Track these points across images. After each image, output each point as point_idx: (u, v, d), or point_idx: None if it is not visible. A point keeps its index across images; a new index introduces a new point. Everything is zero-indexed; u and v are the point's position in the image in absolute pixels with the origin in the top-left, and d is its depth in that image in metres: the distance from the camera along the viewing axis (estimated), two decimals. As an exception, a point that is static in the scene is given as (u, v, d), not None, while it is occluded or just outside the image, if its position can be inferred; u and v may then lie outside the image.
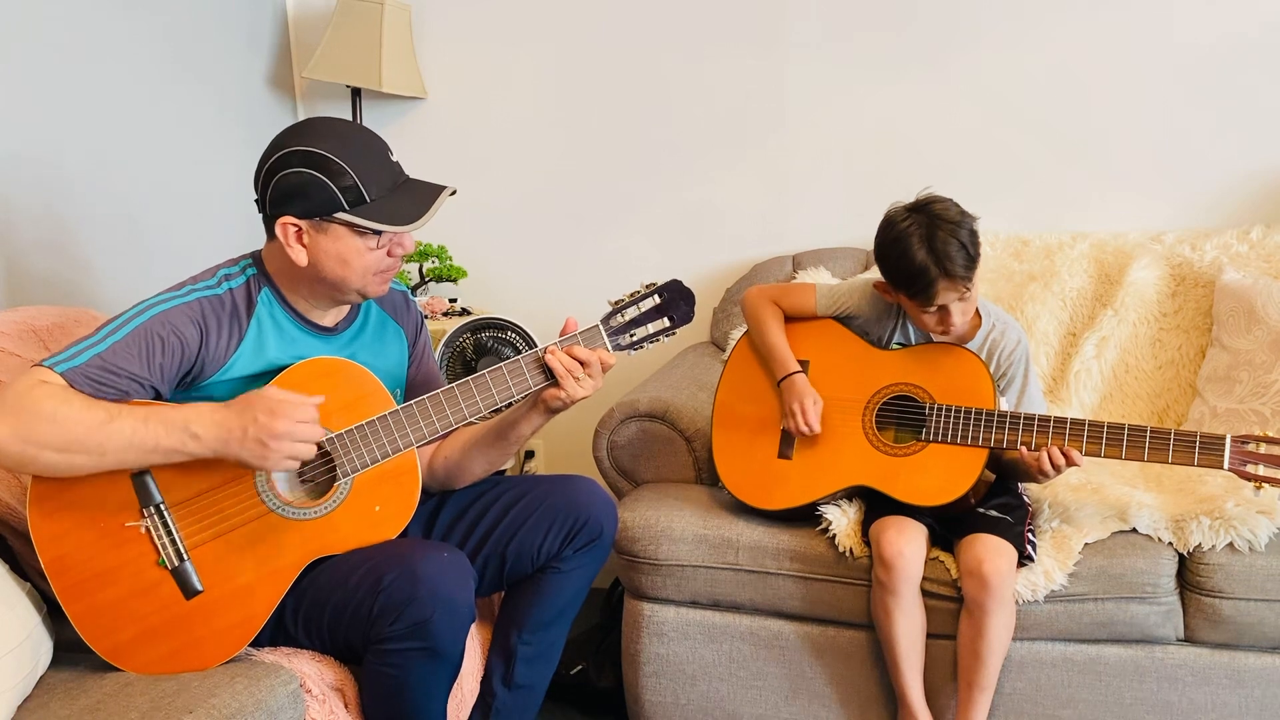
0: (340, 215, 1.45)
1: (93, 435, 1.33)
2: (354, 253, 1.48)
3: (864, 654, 1.87)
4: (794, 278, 2.55)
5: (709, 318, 2.71)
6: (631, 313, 1.57)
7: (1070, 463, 1.69)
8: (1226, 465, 1.64)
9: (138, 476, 1.43)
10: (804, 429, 1.86)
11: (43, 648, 1.40)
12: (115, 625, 1.42)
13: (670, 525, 1.92)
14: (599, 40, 2.78)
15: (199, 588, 1.44)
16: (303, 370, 1.50)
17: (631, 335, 1.57)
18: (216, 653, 1.44)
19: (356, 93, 2.77)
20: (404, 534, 1.55)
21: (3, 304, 2.03)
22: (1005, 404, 1.85)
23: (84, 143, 2.24)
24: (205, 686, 1.35)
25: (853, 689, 1.89)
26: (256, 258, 1.57)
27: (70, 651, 1.44)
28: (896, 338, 1.93)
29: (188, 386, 1.49)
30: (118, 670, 1.42)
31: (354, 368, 1.53)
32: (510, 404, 1.57)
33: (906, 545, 1.74)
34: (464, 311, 2.76)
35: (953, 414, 1.78)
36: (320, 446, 1.49)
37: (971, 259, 1.72)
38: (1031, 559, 1.76)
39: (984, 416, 1.76)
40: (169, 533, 1.43)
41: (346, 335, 1.63)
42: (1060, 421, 1.72)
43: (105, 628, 1.42)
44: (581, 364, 1.53)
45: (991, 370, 1.82)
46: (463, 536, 1.66)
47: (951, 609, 1.78)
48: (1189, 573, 1.75)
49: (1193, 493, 1.91)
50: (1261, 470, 1.63)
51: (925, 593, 1.78)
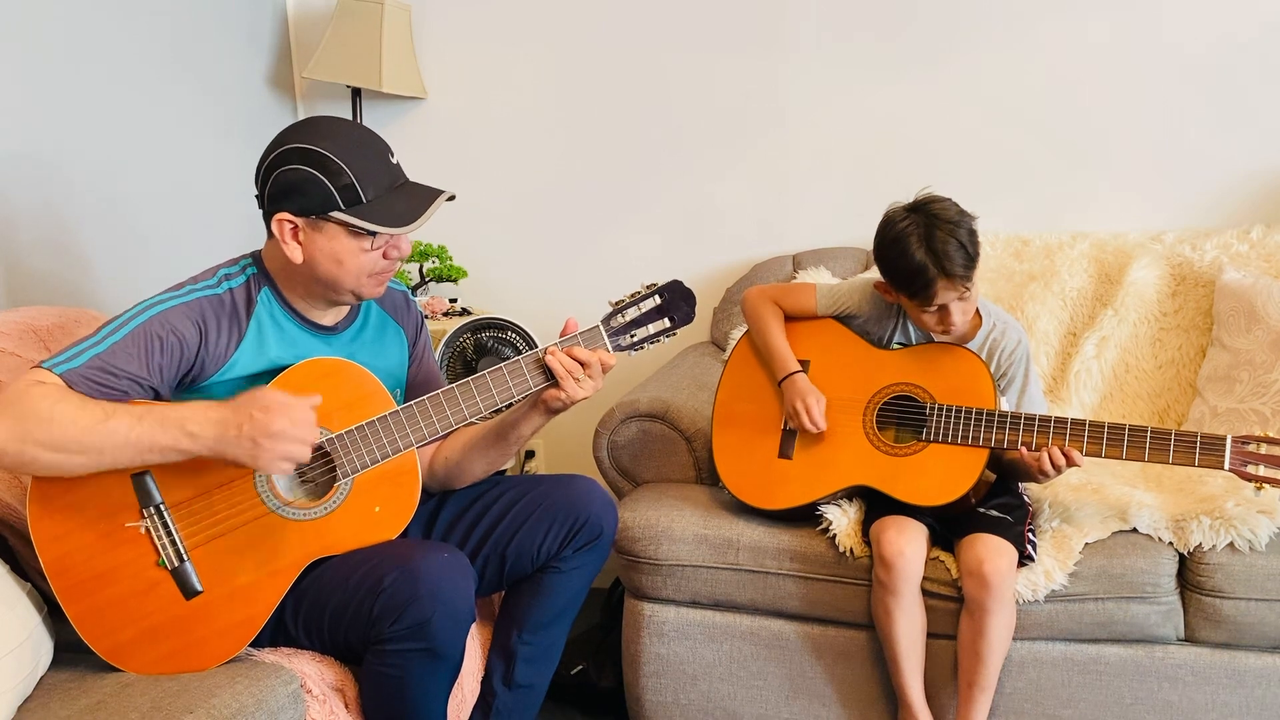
0: (335, 214, 1.45)
1: (89, 434, 1.33)
2: (348, 253, 1.48)
3: (864, 654, 1.87)
4: (794, 278, 2.55)
5: (709, 318, 2.71)
6: (632, 313, 1.57)
7: (1071, 463, 1.69)
8: (1227, 466, 1.64)
9: (137, 477, 1.43)
10: (810, 427, 1.85)
11: (43, 648, 1.40)
12: (115, 625, 1.42)
13: (670, 525, 1.92)
14: (599, 40, 2.78)
15: (199, 588, 1.44)
16: (303, 370, 1.50)
17: (632, 336, 1.57)
18: (216, 653, 1.44)
19: (356, 93, 2.77)
20: (404, 534, 1.55)
21: (3, 304, 2.03)
22: (1006, 404, 1.85)
23: (84, 142, 2.24)
24: (206, 687, 1.35)
25: (853, 689, 1.89)
26: (256, 257, 1.57)
27: (71, 652, 1.44)
28: (897, 337, 1.93)
29: (187, 387, 1.49)
30: (118, 671, 1.42)
31: (354, 368, 1.53)
32: (510, 404, 1.57)
33: (907, 545, 1.74)
34: (464, 311, 2.76)
35: (953, 414, 1.78)
36: (320, 447, 1.49)
37: (971, 258, 1.72)
38: (1032, 559, 1.76)
39: (984, 416, 1.76)
40: (169, 533, 1.43)
41: (347, 335, 1.63)
42: (1061, 422, 1.72)
43: (105, 628, 1.42)
44: (582, 365, 1.53)
45: (992, 370, 1.81)
46: (463, 536, 1.66)
47: (952, 609, 1.78)
48: (1189, 572, 1.75)
49: (1193, 492, 1.91)
50: (1262, 471, 1.63)
51: (925, 592, 1.78)
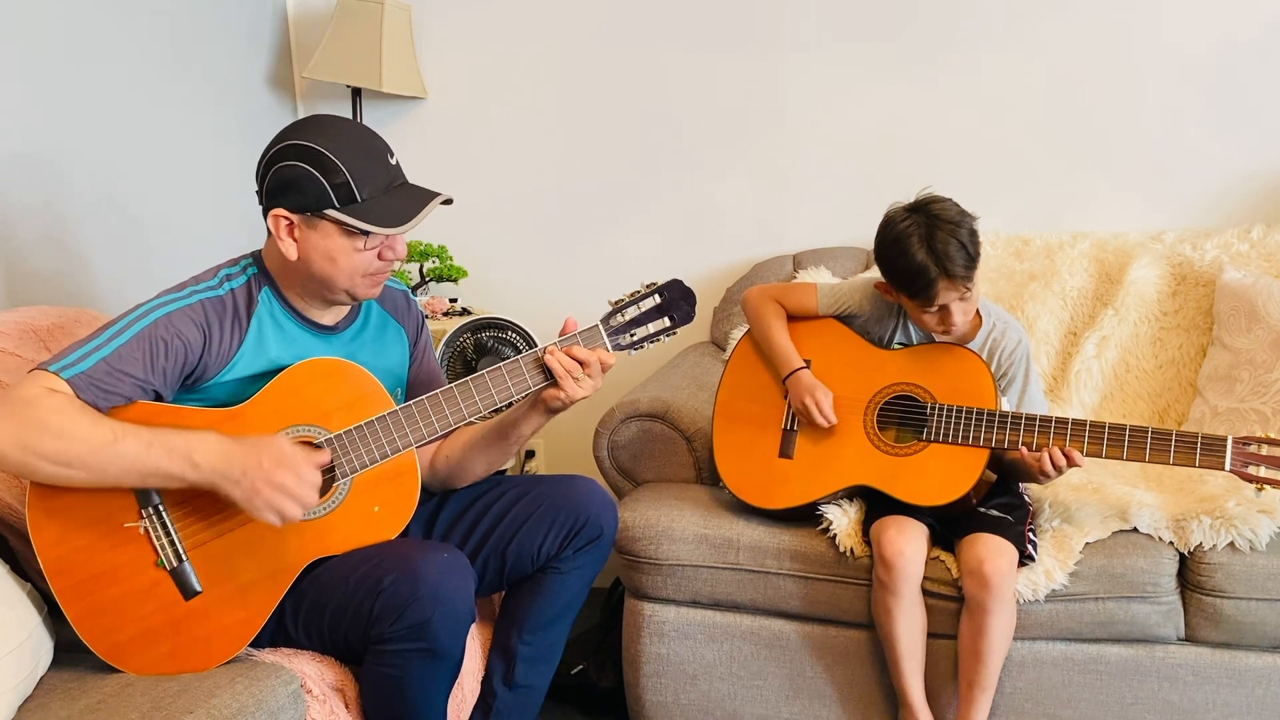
0: (330, 212, 1.45)
1: (96, 455, 1.33)
2: (342, 251, 1.48)
3: (864, 654, 1.87)
4: (794, 277, 2.55)
5: (709, 317, 2.71)
6: (632, 312, 1.57)
7: (1071, 463, 1.69)
8: (1228, 466, 1.64)
9: (137, 477, 1.43)
10: (821, 421, 1.85)
11: (43, 648, 1.40)
12: (114, 626, 1.42)
13: (671, 525, 1.92)
14: (599, 40, 2.78)
15: (198, 588, 1.44)
16: (302, 371, 1.50)
17: (632, 335, 1.57)
18: (216, 653, 1.43)
19: (357, 93, 2.77)
20: (404, 534, 1.55)
21: (2, 304, 2.03)
22: (1006, 404, 1.84)
23: (84, 142, 2.24)
24: (206, 687, 1.35)
25: (853, 689, 1.89)
26: (257, 257, 1.57)
27: (71, 652, 1.44)
28: (898, 337, 1.93)
29: (189, 387, 1.49)
30: (118, 671, 1.42)
31: (353, 368, 1.53)
32: (510, 404, 1.57)
33: (907, 545, 1.74)
34: (464, 311, 2.76)
35: (954, 414, 1.78)
36: (320, 447, 1.49)
37: (971, 259, 1.72)
38: (1032, 558, 1.76)
39: (985, 416, 1.76)
40: (167, 533, 1.43)
41: (347, 334, 1.63)
42: (1061, 422, 1.72)
43: (104, 628, 1.42)
44: (581, 364, 1.53)
45: (992, 370, 1.81)
46: (463, 536, 1.66)
47: (952, 608, 1.78)
48: (1190, 572, 1.75)
49: (1193, 492, 1.91)
50: (1263, 471, 1.63)
51: (926, 592, 1.78)
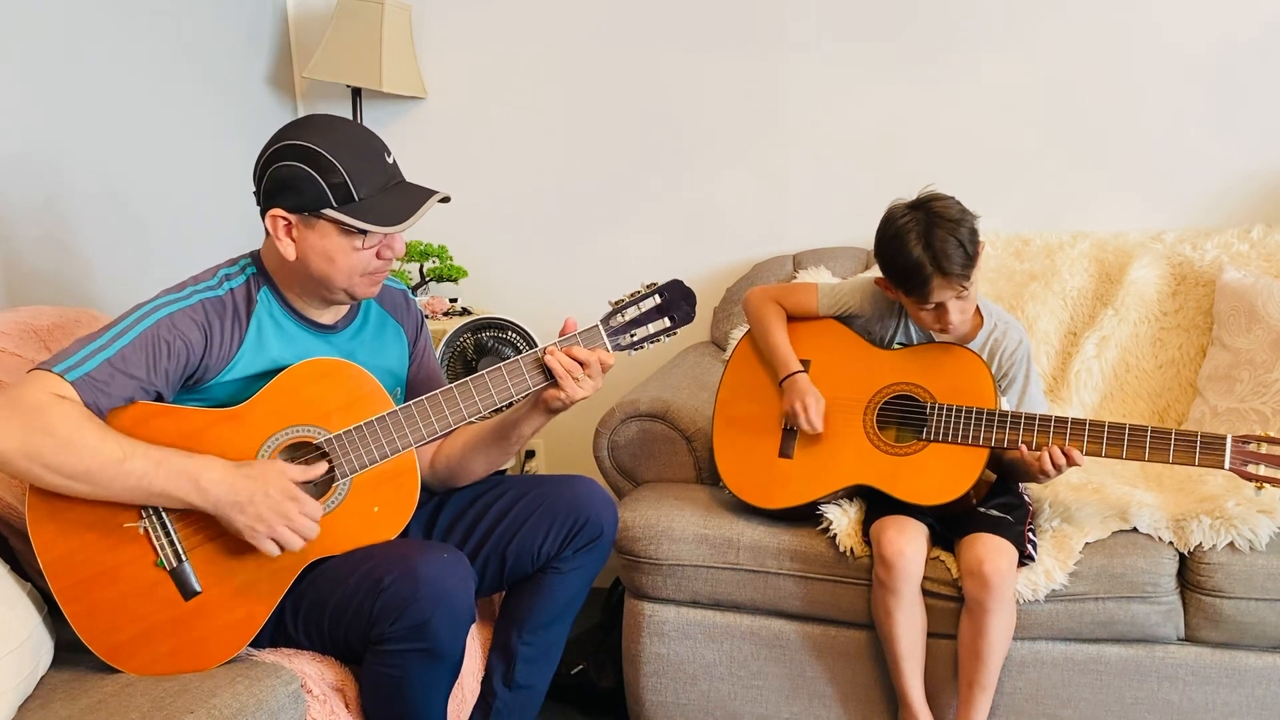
0: (327, 212, 1.45)
1: (103, 471, 1.33)
2: (340, 251, 1.48)
3: (864, 654, 1.87)
4: (794, 277, 2.55)
5: (709, 317, 2.71)
6: (632, 312, 1.57)
7: (1071, 462, 1.69)
8: (1227, 465, 1.64)
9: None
10: (807, 427, 1.85)
11: (44, 648, 1.40)
12: (114, 626, 1.42)
13: (671, 525, 1.92)
14: (599, 40, 2.78)
15: (197, 589, 1.44)
16: (301, 371, 1.50)
17: (632, 335, 1.57)
18: (216, 653, 1.44)
19: (357, 92, 2.77)
20: (404, 534, 1.55)
21: (3, 303, 2.03)
22: (1006, 404, 1.84)
23: (84, 142, 2.24)
24: (206, 687, 1.35)
25: (853, 689, 1.89)
26: (255, 257, 1.58)
27: (71, 651, 1.44)
28: (899, 337, 1.93)
29: (190, 388, 1.49)
30: (118, 671, 1.42)
31: (352, 368, 1.53)
32: (510, 404, 1.57)
33: (907, 545, 1.74)
34: (464, 311, 2.76)
35: (954, 414, 1.78)
36: (319, 447, 1.49)
37: (969, 258, 1.72)
38: (1032, 558, 1.76)
39: (985, 416, 1.76)
40: (167, 534, 1.43)
41: (346, 333, 1.63)
42: (1061, 421, 1.72)
43: (104, 628, 1.42)
44: (581, 364, 1.53)
45: (993, 370, 1.81)
46: (463, 536, 1.66)
47: (952, 608, 1.78)
48: (1189, 572, 1.75)
49: (1193, 492, 1.90)
50: (1263, 470, 1.62)
51: (926, 592, 1.78)
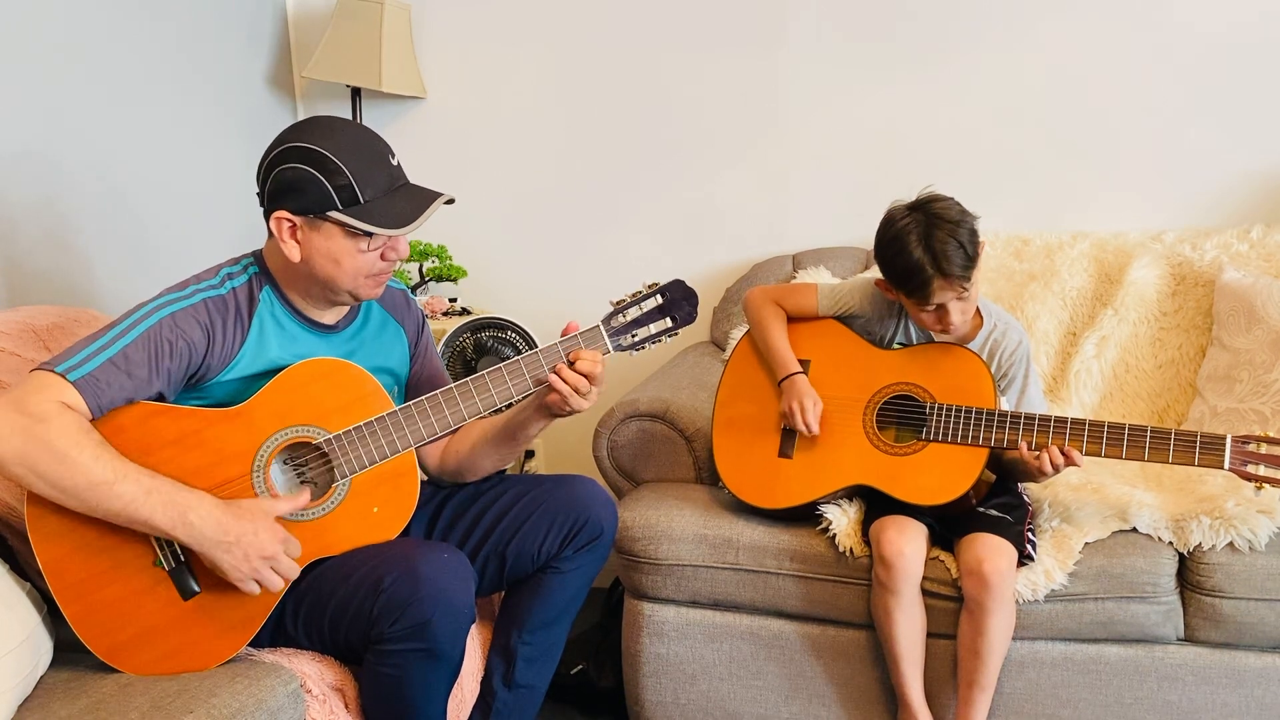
0: (332, 214, 1.45)
1: (93, 491, 1.33)
2: (345, 253, 1.48)
3: (864, 654, 1.87)
4: (794, 277, 2.55)
5: (709, 317, 2.71)
6: (633, 313, 1.57)
7: (1070, 462, 1.69)
8: (1227, 465, 1.64)
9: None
10: (803, 429, 1.85)
11: (43, 648, 1.40)
12: (113, 626, 1.42)
13: (670, 525, 1.92)
14: (599, 40, 2.78)
15: (196, 589, 1.44)
16: (301, 371, 1.50)
17: (633, 335, 1.57)
18: (215, 653, 1.44)
19: (356, 92, 2.77)
20: (405, 534, 1.55)
21: (3, 303, 2.03)
22: (1006, 404, 1.84)
23: (85, 142, 2.24)
24: (205, 687, 1.35)
25: (853, 689, 1.89)
26: (258, 256, 1.58)
27: (71, 651, 1.44)
28: (899, 337, 1.93)
29: (191, 387, 1.49)
30: (117, 671, 1.42)
31: (352, 368, 1.53)
32: (510, 404, 1.57)
33: (907, 545, 1.74)
34: (464, 311, 2.76)
35: (953, 413, 1.78)
36: (318, 447, 1.49)
37: (970, 259, 1.72)
38: (1032, 558, 1.76)
39: (985, 416, 1.76)
40: (168, 533, 1.43)
41: (347, 333, 1.63)
42: (1061, 421, 1.72)
43: (103, 628, 1.42)
44: (586, 377, 1.52)
45: (992, 370, 1.81)
46: (463, 536, 1.66)
47: (952, 608, 1.78)
48: (1189, 572, 1.75)
49: (1193, 492, 1.90)
50: (1262, 470, 1.62)
51: (925, 592, 1.78)
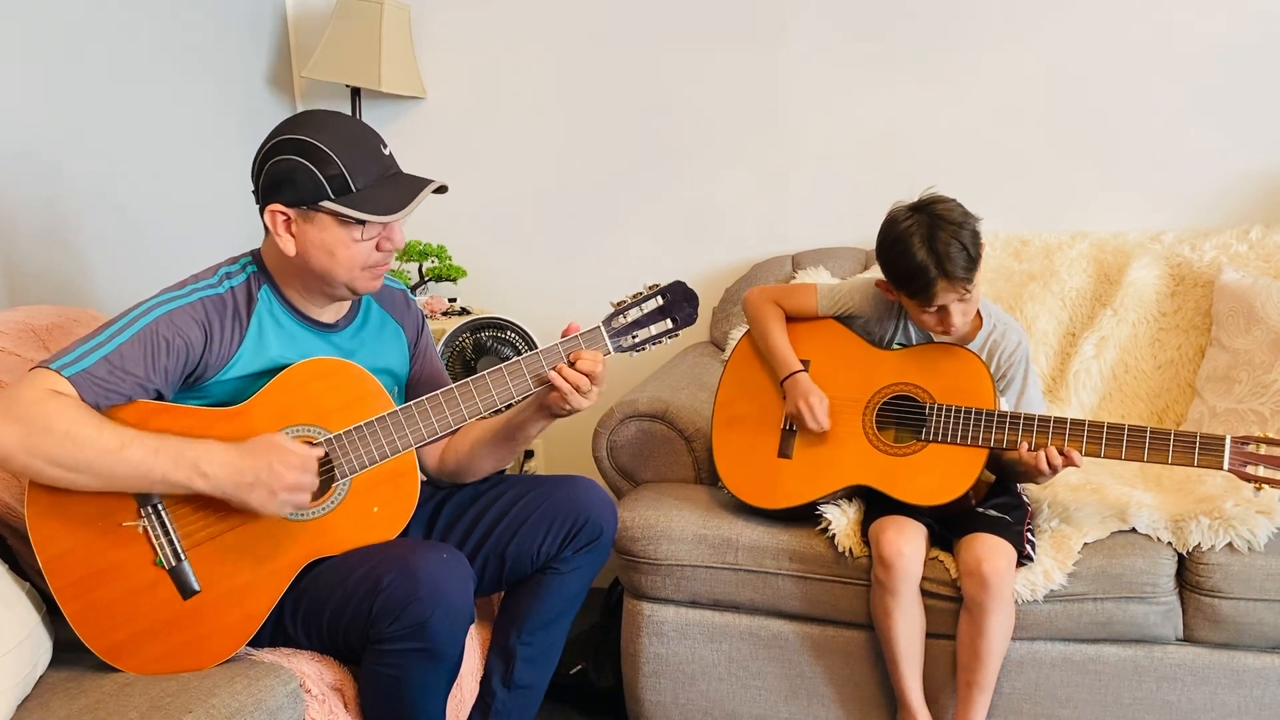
0: (325, 204, 1.45)
1: (102, 460, 1.33)
2: (340, 243, 1.48)
3: (863, 654, 1.87)
4: (794, 278, 2.55)
5: (709, 318, 2.71)
6: (634, 314, 1.57)
7: (1069, 463, 1.69)
8: (1226, 466, 1.64)
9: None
10: (814, 426, 1.85)
11: (42, 647, 1.40)
12: (112, 625, 1.42)
13: (670, 525, 1.92)
14: (599, 40, 2.78)
15: (196, 588, 1.44)
16: (302, 371, 1.50)
17: (634, 336, 1.57)
18: (214, 652, 1.43)
19: (356, 92, 2.77)
20: (404, 534, 1.55)
21: (2, 302, 2.03)
22: (1005, 404, 1.85)
23: (84, 142, 2.24)
24: (205, 686, 1.35)
25: (852, 689, 1.89)
26: (256, 255, 1.58)
27: (70, 651, 1.44)
28: (898, 338, 1.93)
29: (190, 386, 1.49)
30: (117, 670, 1.42)
31: (353, 368, 1.53)
32: (509, 404, 1.57)
33: (906, 545, 1.74)
34: (463, 311, 2.76)
35: (953, 414, 1.78)
36: (319, 447, 1.49)
37: (972, 261, 1.72)
38: (1031, 559, 1.76)
39: (984, 416, 1.76)
40: (166, 532, 1.43)
41: (347, 332, 1.63)
42: (1060, 422, 1.72)
43: (102, 627, 1.42)
44: (587, 376, 1.52)
45: (992, 371, 1.81)
46: (462, 536, 1.66)
47: (951, 609, 1.78)
48: (1188, 572, 1.75)
49: (1192, 492, 1.91)
50: (1261, 471, 1.62)
51: (925, 592, 1.78)
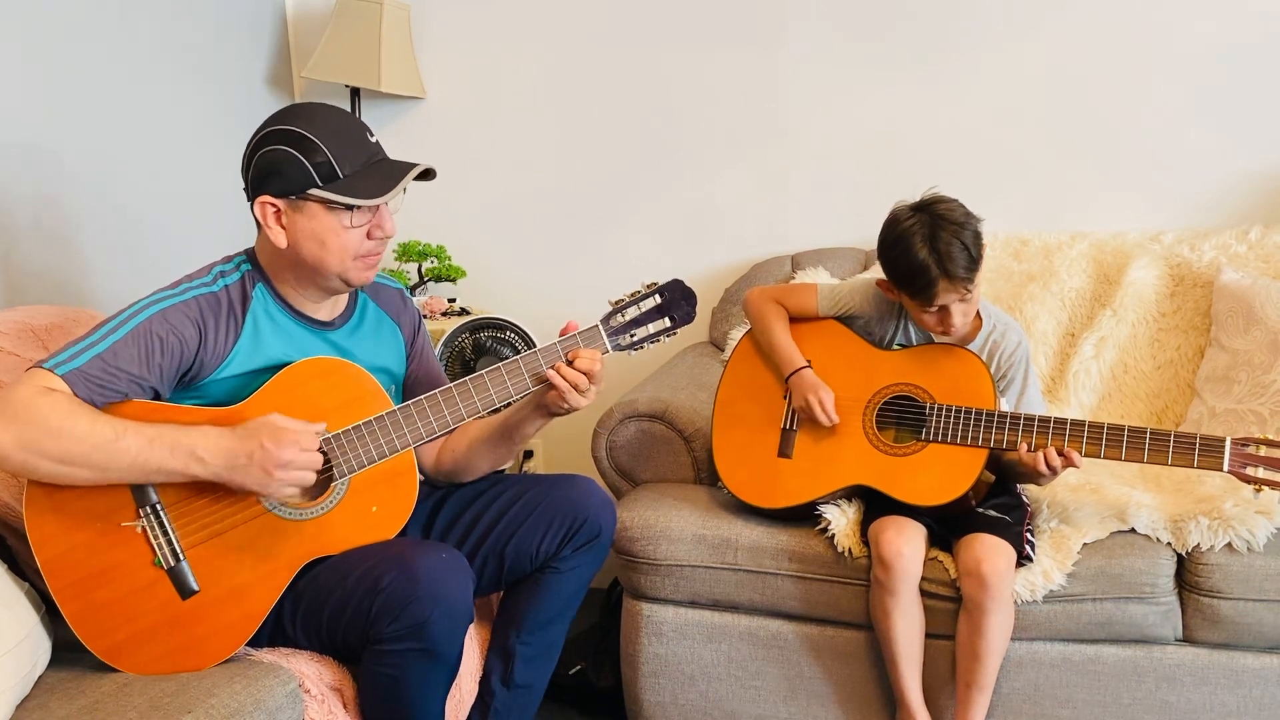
0: (313, 191, 1.45)
1: (98, 452, 1.33)
2: (330, 232, 1.48)
3: (863, 654, 1.87)
4: (793, 278, 2.55)
5: (708, 318, 2.71)
6: (632, 312, 1.57)
7: (1069, 464, 1.69)
8: (1226, 467, 1.64)
9: (135, 476, 1.42)
10: (824, 419, 1.85)
11: (41, 647, 1.40)
12: (111, 625, 1.42)
13: (669, 525, 1.92)
14: (599, 40, 2.78)
15: (195, 588, 1.44)
16: (301, 370, 1.50)
17: (632, 335, 1.57)
18: (213, 653, 1.43)
19: (355, 92, 2.77)
20: (403, 533, 1.55)
21: (1, 302, 2.02)
22: (1005, 405, 1.84)
23: (84, 142, 2.24)
24: (204, 686, 1.35)
25: (852, 689, 1.89)
26: (250, 254, 1.58)
27: (69, 651, 1.44)
28: (899, 338, 1.93)
29: (186, 385, 1.49)
30: (116, 670, 1.42)
31: (351, 367, 1.53)
32: (508, 404, 1.57)
33: (905, 545, 1.74)
34: (463, 311, 2.75)
35: (953, 414, 1.78)
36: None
37: (974, 261, 1.72)
38: (1030, 559, 1.76)
39: (984, 417, 1.76)
40: (165, 533, 1.43)
41: (344, 331, 1.63)
42: (1060, 422, 1.72)
43: (101, 627, 1.41)
44: (586, 374, 1.52)
45: (991, 371, 1.81)
46: (461, 536, 1.66)
47: (950, 609, 1.78)
48: (1187, 573, 1.75)
49: (1191, 493, 1.91)
50: (1261, 472, 1.62)
51: (924, 593, 1.78)
